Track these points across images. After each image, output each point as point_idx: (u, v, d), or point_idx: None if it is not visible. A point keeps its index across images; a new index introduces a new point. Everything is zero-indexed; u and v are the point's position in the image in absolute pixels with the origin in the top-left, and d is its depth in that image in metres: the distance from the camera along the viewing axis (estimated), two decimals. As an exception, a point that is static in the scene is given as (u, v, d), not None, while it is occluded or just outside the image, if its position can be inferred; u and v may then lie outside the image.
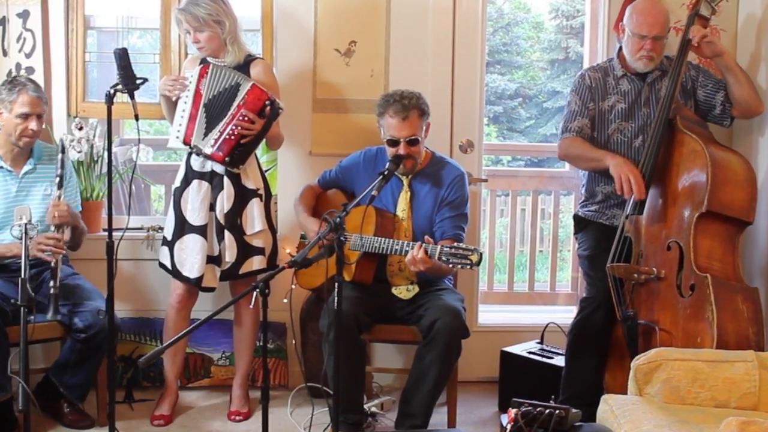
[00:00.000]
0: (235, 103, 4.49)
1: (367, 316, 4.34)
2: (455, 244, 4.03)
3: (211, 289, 4.72)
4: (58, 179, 4.46)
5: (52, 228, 4.44)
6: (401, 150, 4.39)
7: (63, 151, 4.51)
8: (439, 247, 4.04)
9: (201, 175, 4.64)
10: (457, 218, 4.48)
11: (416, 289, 4.48)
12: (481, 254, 3.95)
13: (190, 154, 4.67)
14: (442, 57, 5.20)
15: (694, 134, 4.16)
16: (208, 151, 4.52)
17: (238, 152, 4.52)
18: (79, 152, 4.99)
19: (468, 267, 3.96)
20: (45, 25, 5.12)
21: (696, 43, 4.36)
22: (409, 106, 4.39)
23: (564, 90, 14.18)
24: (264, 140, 4.73)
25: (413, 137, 4.39)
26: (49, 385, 4.57)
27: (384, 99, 4.48)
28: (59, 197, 4.44)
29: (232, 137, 4.49)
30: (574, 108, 4.64)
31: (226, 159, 4.51)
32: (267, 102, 4.47)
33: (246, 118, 4.45)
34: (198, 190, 4.62)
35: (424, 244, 4.10)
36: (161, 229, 5.14)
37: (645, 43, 4.43)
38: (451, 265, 4.00)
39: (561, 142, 4.67)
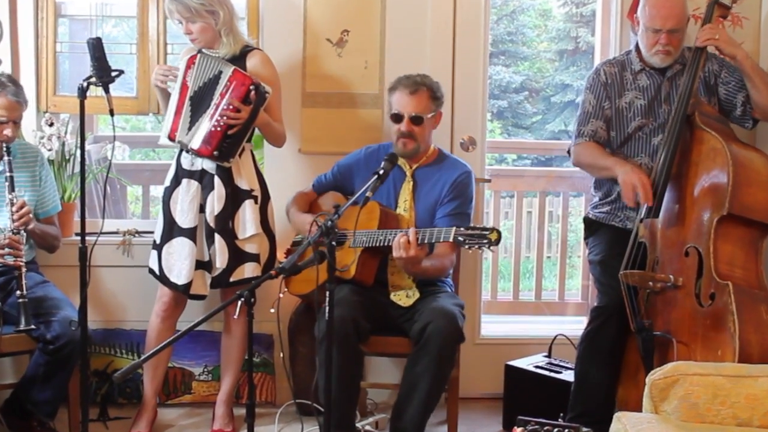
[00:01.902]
0: (218, 92, 4.49)
1: (368, 322, 4.34)
2: (472, 224, 4.05)
3: (200, 297, 4.71)
4: (8, 183, 4.45)
5: (9, 230, 4.43)
6: (403, 127, 4.46)
7: (9, 153, 4.49)
8: (453, 228, 4.06)
9: (190, 174, 4.63)
10: (458, 217, 4.49)
11: (416, 295, 4.48)
12: (500, 233, 3.96)
13: (181, 151, 4.67)
14: (442, 47, 5.20)
15: (713, 131, 4.16)
16: (194, 146, 4.51)
17: (226, 144, 4.51)
18: (50, 150, 4.99)
19: (487, 247, 3.96)
20: (12, 13, 5.12)
21: (699, 45, 4.36)
22: (421, 83, 4.51)
23: (574, 83, 14.19)
24: (258, 134, 4.74)
25: (418, 115, 4.47)
26: (17, 402, 4.56)
27: (398, 78, 4.60)
28: (12, 201, 4.44)
29: (219, 128, 4.48)
30: (588, 108, 4.64)
31: (215, 153, 4.50)
32: (251, 87, 4.47)
33: (231, 107, 4.45)
34: (187, 190, 4.61)
35: (422, 229, 4.16)
36: (138, 233, 5.15)
37: (660, 37, 4.43)
38: (467, 246, 4.00)
39: (574, 148, 4.67)
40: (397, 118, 4.51)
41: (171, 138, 4.56)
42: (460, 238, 4.01)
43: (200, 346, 5.17)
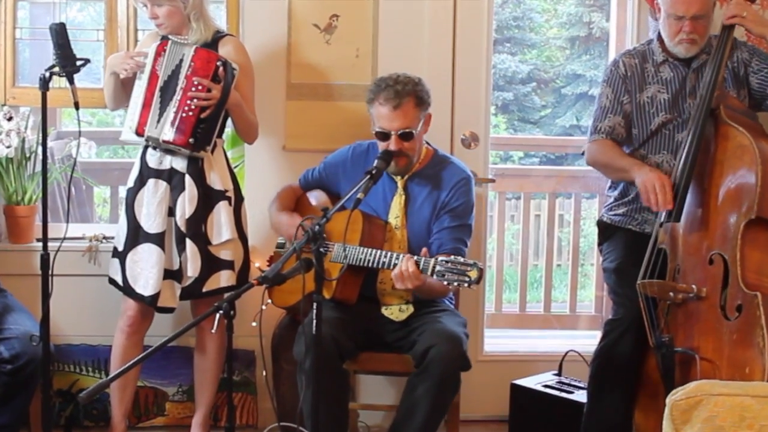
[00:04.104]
0: (183, 74, 4.47)
1: (350, 341, 4.33)
2: (452, 257, 4.01)
3: (169, 310, 4.69)
4: None
5: None
6: (392, 145, 4.38)
7: None
8: (432, 260, 4.03)
9: (158, 174, 4.61)
10: (458, 230, 4.47)
11: (410, 309, 4.47)
12: (481, 270, 3.93)
13: (145, 148, 4.64)
14: (441, 34, 5.21)
15: (741, 126, 4.15)
16: (167, 137, 4.48)
17: (201, 130, 4.49)
18: (8, 147, 4.97)
19: (465, 285, 3.93)
20: (-34, -4, 5.12)
21: (726, 23, 4.36)
22: (404, 92, 4.37)
23: (586, 73, 14.21)
24: (231, 130, 4.72)
25: (407, 130, 4.38)
26: (-28, 425, 4.56)
27: (375, 84, 4.47)
28: None
29: (191, 113, 4.45)
30: (605, 103, 4.63)
31: (190, 141, 4.47)
32: (218, 62, 4.46)
33: (200, 86, 4.43)
34: (154, 192, 4.60)
35: (415, 257, 4.09)
36: (105, 238, 5.13)
37: (683, 24, 4.42)
38: (446, 282, 3.98)
39: (589, 145, 4.67)
40: (383, 136, 4.41)
41: (139, 133, 4.54)
42: (440, 269, 3.97)
43: (173, 364, 5.16)
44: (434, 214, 4.49)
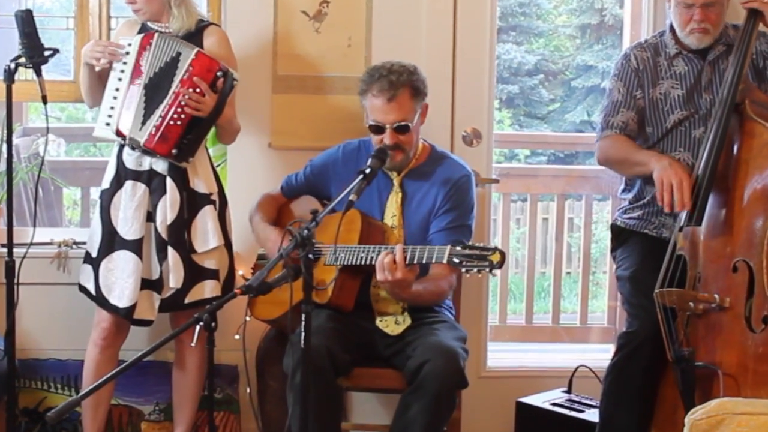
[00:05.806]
0: (177, 78, 4.45)
1: (346, 353, 4.32)
2: (471, 243, 4.01)
3: (146, 323, 4.67)
4: None
5: None
6: (387, 139, 4.39)
7: None
8: (447, 248, 4.03)
9: (137, 175, 4.59)
10: (457, 231, 4.46)
11: (407, 321, 4.46)
12: (503, 254, 3.94)
13: (122, 147, 4.62)
14: (441, 21, 5.20)
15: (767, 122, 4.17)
16: (149, 143, 4.46)
17: (187, 140, 4.48)
18: (-30, 145, 4.97)
19: (487, 270, 3.94)
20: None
21: (744, 6, 4.36)
22: (398, 83, 4.40)
23: (598, 64, 14.23)
24: (215, 132, 4.72)
25: (402, 123, 4.39)
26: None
27: (368, 74, 4.49)
28: None
29: (179, 121, 4.44)
30: (617, 97, 4.63)
31: (173, 151, 4.46)
32: (219, 72, 4.44)
33: (197, 90, 4.42)
34: (132, 195, 4.58)
35: (411, 247, 4.11)
36: (76, 244, 5.11)
37: (693, 12, 4.43)
38: (464, 270, 3.98)
39: (600, 142, 4.67)
40: (377, 129, 4.44)
41: (120, 134, 4.52)
42: (456, 260, 3.97)
43: (150, 380, 5.15)
44: (432, 213, 4.51)
